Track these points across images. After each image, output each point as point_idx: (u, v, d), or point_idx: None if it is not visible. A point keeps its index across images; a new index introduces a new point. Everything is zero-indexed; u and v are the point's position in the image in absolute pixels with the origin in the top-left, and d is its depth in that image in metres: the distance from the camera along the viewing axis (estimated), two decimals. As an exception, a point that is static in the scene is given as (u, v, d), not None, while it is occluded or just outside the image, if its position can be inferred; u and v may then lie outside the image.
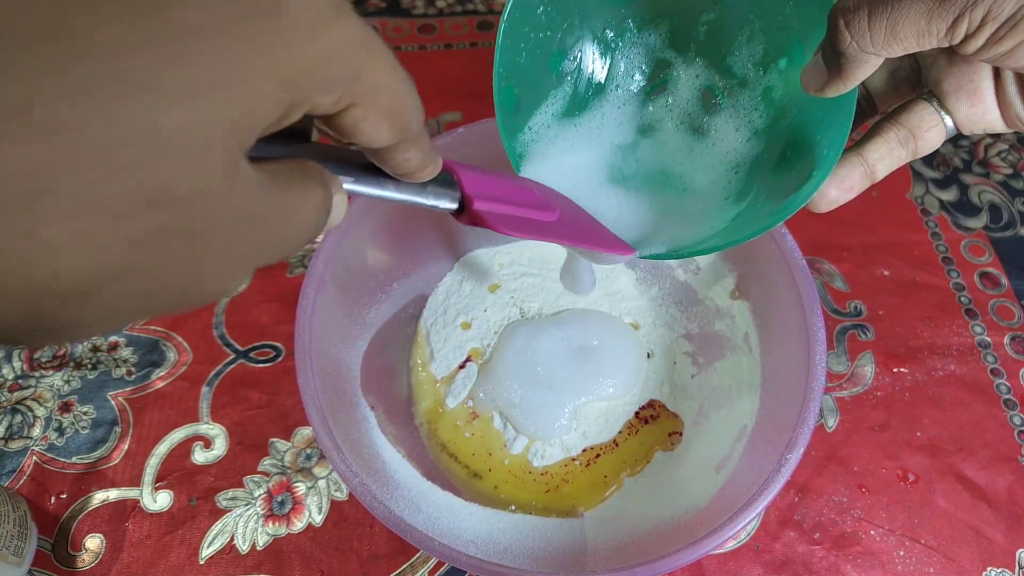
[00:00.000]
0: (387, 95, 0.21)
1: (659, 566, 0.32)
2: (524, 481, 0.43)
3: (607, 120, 0.37)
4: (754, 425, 0.41)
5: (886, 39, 0.25)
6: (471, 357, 0.47)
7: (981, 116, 0.29)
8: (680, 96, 0.37)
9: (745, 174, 0.35)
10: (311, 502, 0.44)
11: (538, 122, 0.36)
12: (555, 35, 0.35)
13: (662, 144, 0.37)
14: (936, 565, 0.42)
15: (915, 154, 0.31)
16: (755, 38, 0.36)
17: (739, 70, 0.36)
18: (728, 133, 0.36)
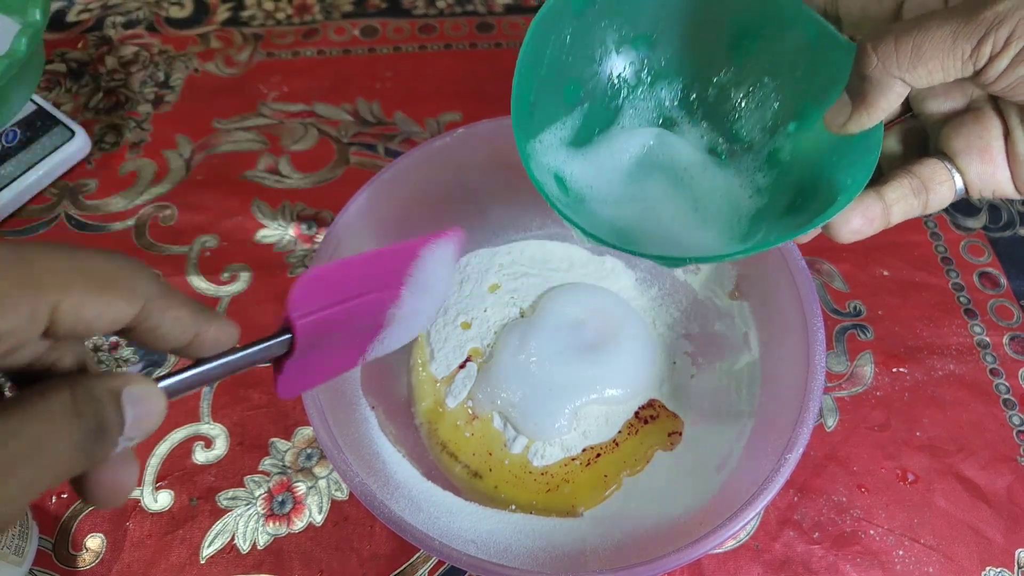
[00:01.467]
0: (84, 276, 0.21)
1: (659, 565, 0.33)
2: (524, 481, 0.43)
3: (611, 156, 0.37)
4: (754, 425, 0.41)
5: (911, 60, 0.25)
6: (471, 357, 0.48)
7: (991, 175, 0.29)
8: (684, 154, 0.37)
9: (749, 220, 0.35)
10: (311, 502, 0.44)
11: (548, 139, 0.36)
12: (575, 62, 0.35)
13: (665, 185, 0.37)
14: (935, 565, 0.42)
15: (926, 207, 0.30)
16: (767, 102, 0.35)
17: (746, 135, 0.36)
18: (731, 187, 0.36)
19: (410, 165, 0.43)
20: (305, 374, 0.28)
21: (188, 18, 0.67)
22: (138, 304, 0.21)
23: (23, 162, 0.54)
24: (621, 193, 0.36)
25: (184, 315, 0.23)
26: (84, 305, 0.20)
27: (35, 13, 0.49)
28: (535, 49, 0.33)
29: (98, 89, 0.63)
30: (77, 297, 0.20)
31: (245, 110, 0.61)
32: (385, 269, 0.29)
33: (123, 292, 0.21)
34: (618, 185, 0.36)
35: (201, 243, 0.54)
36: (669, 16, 0.35)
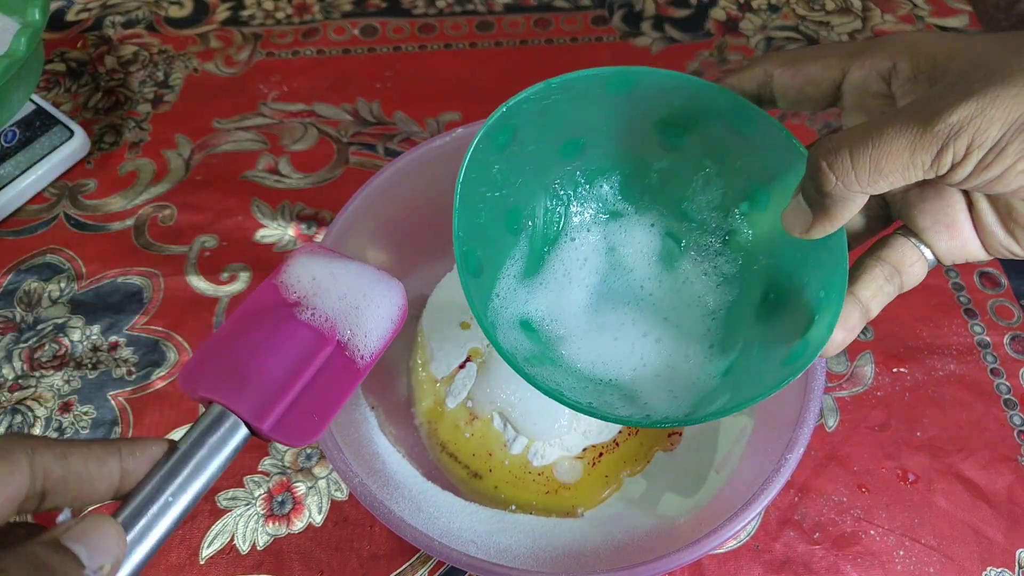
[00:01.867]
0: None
1: (659, 566, 0.33)
2: (524, 481, 0.43)
3: (568, 279, 0.36)
4: (754, 425, 0.41)
5: (871, 176, 0.24)
6: (471, 357, 0.47)
7: (961, 248, 0.29)
8: (641, 246, 0.36)
9: (723, 320, 0.34)
10: (311, 502, 0.44)
11: (504, 288, 0.35)
12: (510, 193, 0.34)
13: (628, 303, 0.36)
14: (936, 565, 0.42)
15: (901, 288, 0.30)
16: (712, 184, 0.35)
17: (696, 215, 0.35)
18: (696, 277, 0.35)
19: (410, 165, 0.43)
20: (305, 412, 0.26)
21: (187, 18, 0.67)
22: (22, 465, 0.20)
23: (22, 162, 0.54)
24: (587, 321, 0.35)
25: (92, 449, 0.22)
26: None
27: (34, 13, 0.49)
28: (468, 203, 0.32)
29: (97, 89, 0.62)
30: None
31: (245, 110, 0.61)
32: (255, 307, 0.28)
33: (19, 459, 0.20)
34: (582, 313, 0.35)
35: (201, 243, 0.54)
36: (595, 118, 0.34)
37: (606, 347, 0.34)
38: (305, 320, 0.28)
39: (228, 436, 0.24)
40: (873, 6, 0.69)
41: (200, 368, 0.26)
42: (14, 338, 0.50)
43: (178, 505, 0.23)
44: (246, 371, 0.26)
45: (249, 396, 0.25)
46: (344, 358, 0.28)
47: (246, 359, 0.26)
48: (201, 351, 0.27)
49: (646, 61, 0.65)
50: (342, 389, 0.28)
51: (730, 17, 0.68)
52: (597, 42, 0.66)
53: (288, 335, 0.27)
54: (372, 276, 0.30)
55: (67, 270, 0.53)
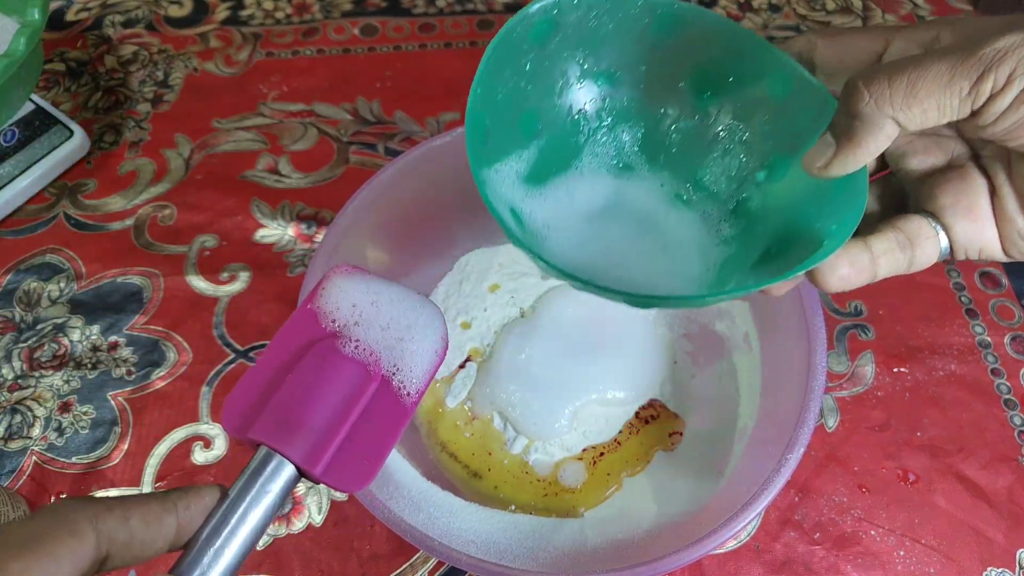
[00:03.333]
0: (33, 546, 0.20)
1: (659, 566, 0.32)
2: (523, 481, 0.43)
3: (570, 198, 0.35)
4: (754, 425, 0.41)
5: (905, 98, 0.24)
6: (471, 357, 0.47)
7: (978, 234, 0.28)
8: (647, 199, 0.35)
9: (717, 269, 0.33)
10: (311, 502, 0.44)
11: (504, 172, 0.34)
12: (533, 92, 0.33)
13: (628, 228, 0.35)
14: (936, 565, 0.42)
15: (911, 264, 0.29)
16: (734, 150, 0.33)
17: (711, 183, 0.34)
18: (697, 234, 0.34)
19: (410, 164, 0.43)
20: (354, 453, 0.26)
21: (187, 17, 0.67)
22: (88, 535, 0.21)
23: (22, 161, 0.54)
24: (582, 235, 0.34)
25: (150, 507, 0.22)
26: (31, 571, 0.19)
27: (34, 12, 0.49)
28: (492, 72, 0.30)
29: (97, 88, 0.62)
30: (17, 569, 0.19)
31: (244, 109, 0.61)
32: (294, 339, 0.28)
33: (64, 534, 0.20)
34: (578, 227, 0.34)
35: (200, 243, 0.54)
36: (633, 54, 0.33)
37: (595, 258, 0.33)
38: (349, 354, 0.27)
39: (276, 478, 0.24)
40: (874, 6, 0.69)
41: (245, 408, 0.25)
42: (13, 338, 0.50)
43: (231, 551, 0.23)
44: (294, 412, 0.25)
45: (299, 439, 0.24)
46: (390, 395, 0.27)
47: (293, 399, 0.25)
48: (242, 389, 0.26)
49: (646, 61, 0.65)
50: (390, 430, 0.27)
51: (730, 16, 0.68)
52: (597, 42, 0.66)
53: (333, 371, 0.26)
54: (413, 303, 0.29)
55: (67, 270, 0.53)
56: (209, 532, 0.23)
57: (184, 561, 0.22)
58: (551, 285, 0.50)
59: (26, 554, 0.20)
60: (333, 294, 0.29)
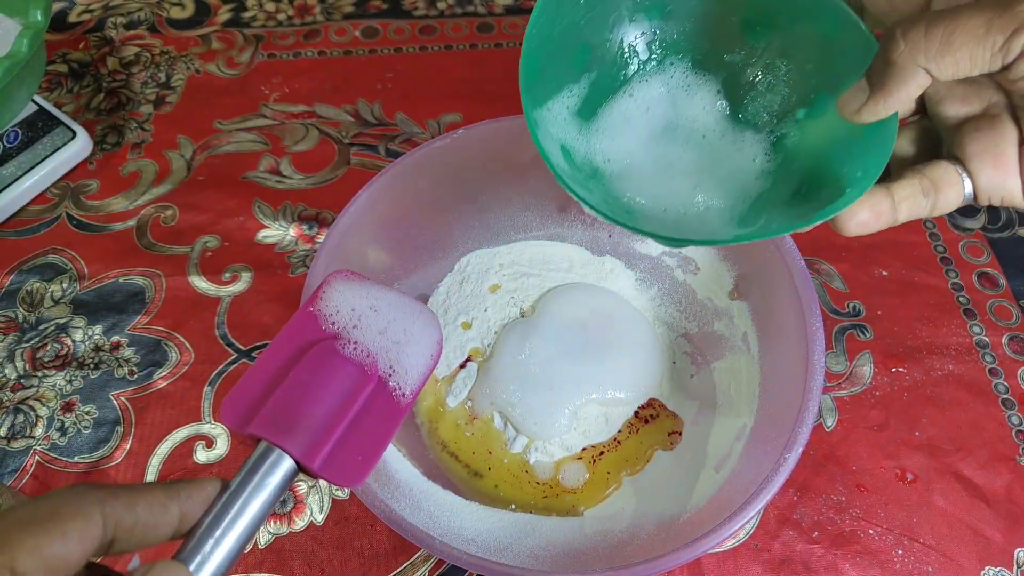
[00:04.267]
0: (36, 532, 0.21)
1: (659, 564, 0.33)
2: (522, 480, 0.44)
3: (624, 122, 0.36)
4: (753, 424, 0.41)
5: (940, 48, 0.25)
6: (471, 357, 0.48)
7: (1002, 181, 0.29)
8: (690, 130, 0.36)
9: (749, 205, 0.34)
10: (312, 501, 0.44)
11: (556, 109, 0.35)
12: (587, 27, 0.34)
13: (673, 147, 0.36)
14: (934, 564, 0.43)
15: (933, 209, 0.30)
16: (777, 87, 0.35)
17: (753, 118, 0.35)
18: (734, 168, 0.35)
19: (411, 166, 0.43)
20: (352, 449, 0.27)
21: (189, 19, 0.68)
22: (96, 518, 0.21)
23: (24, 163, 0.55)
24: (627, 164, 0.35)
25: (155, 496, 0.23)
26: (42, 547, 0.20)
27: (36, 14, 0.49)
28: (550, 10, 0.32)
29: (99, 90, 0.63)
30: (31, 544, 0.20)
31: (246, 111, 0.61)
32: (295, 340, 0.29)
33: (73, 515, 0.21)
34: (626, 156, 0.36)
35: (202, 243, 0.54)
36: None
37: (640, 184, 0.35)
38: (348, 355, 0.28)
39: (275, 471, 0.25)
40: (872, 7, 0.69)
41: (245, 404, 0.26)
42: (16, 338, 0.50)
43: (231, 539, 0.24)
44: (293, 409, 0.26)
45: (299, 434, 0.25)
46: (386, 395, 0.28)
47: (293, 397, 0.26)
48: (243, 386, 0.27)
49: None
50: (386, 428, 0.28)
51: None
52: (597, 43, 0.66)
53: (332, 370, 0.27)
54: (411, 309, 0.30)
55: (69, 270, 0.53)
56: (210, 522, 0.24)
57: (186, 548, 0.23)
58: (551, 285, 0.50)
59: (38, 531, 0.20)
60: (333, 298, 0.30)
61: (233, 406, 0.26)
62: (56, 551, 0.20)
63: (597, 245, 0.52)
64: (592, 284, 0.50)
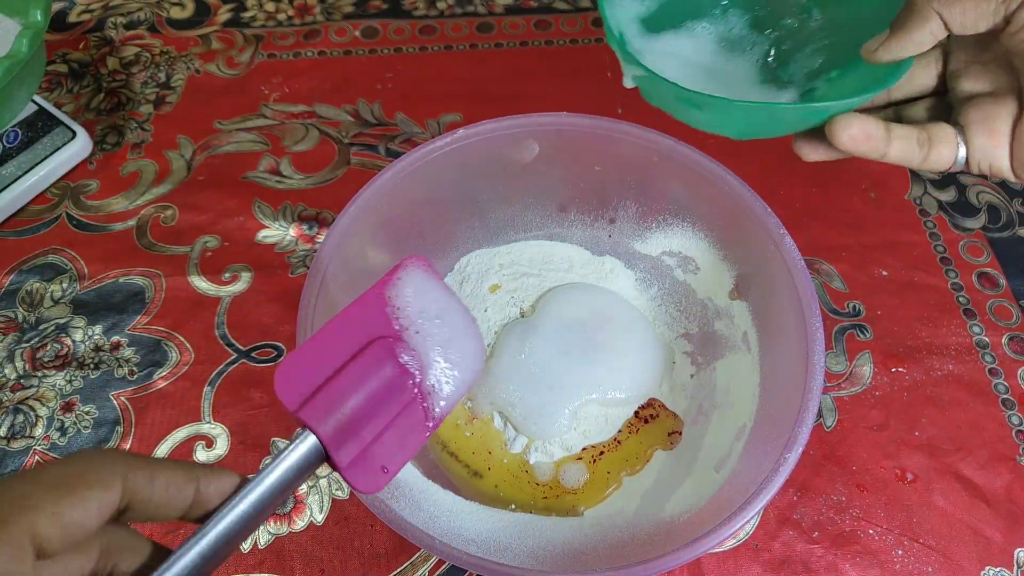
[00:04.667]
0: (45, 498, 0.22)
1: (658, 564, 0.33)
2: (524, 480, 0.44)
3: (675, 50, 0.40)
4: (753, 424, 0.41)
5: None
6: (471, 357, 0.48)
7: (991, 149, 0.32)
8: (738, 73, 0.40)
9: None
10: (312, 501, 0.44)
11: (627, 3, 0.39)
12: None
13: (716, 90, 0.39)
14: (934, 564, 0.43)
15: (924, 161, 0.33)
16: (819, 53, 0.38)
17: (788, 76, 0.39)
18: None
19: (411, 166, 0.44)
20: (377, 460, 0.27)
21: (189, 19, 0.68)
22: (116, 487, 0.22)
23: (24, 163, 0.55)
24: (687, 70, 0.39)
25: (176, 475, 0.23)
26: (63, 513, 0.21)
27: (36, 14, 0.49)
28: None
29: (99, 90, 0.63)
30: (53, 509, 0.20)
31: (246, 111, 0.61)
32: (361, 323, 0.28)
33: (95, 483, 0.22)
34: (687, 64, 0.40)
35: (202, 243, 0.54)
36: None
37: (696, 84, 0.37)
38: (404, 363, 0.28)
39: (308, 464, 0.25)
40: None
41: (303, 382, 0.26)
42: (16, 338, 0.50)
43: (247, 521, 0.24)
44: (343, 406, 0.26)
45: (343, 435, 0.26)
46: (420, 410, 0.28)
47: (346, 393, 0.26)
48: (303, 360, 0.27)
49: (646, 62, 0.65)
50: (412, 443, 0.28)
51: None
52: (597, 43, 0.66)
53: (386, 375, 0.27)
54: (471, 334, 0.30)
55: (69, 270, 0.53)
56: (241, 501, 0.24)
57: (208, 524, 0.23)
58: (551, 285, 0.50)
59: (61, 496, 0.21)
60: (408, 288, 0.30)
61: (291, 382, 0.26)
62: (76, 517, 0.21)
63: (597, 245, 0.52)
64: (592, 284, 0.50)
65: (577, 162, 0.47)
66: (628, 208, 0.49)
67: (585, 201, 0.50)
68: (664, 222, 0.49)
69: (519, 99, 0.62)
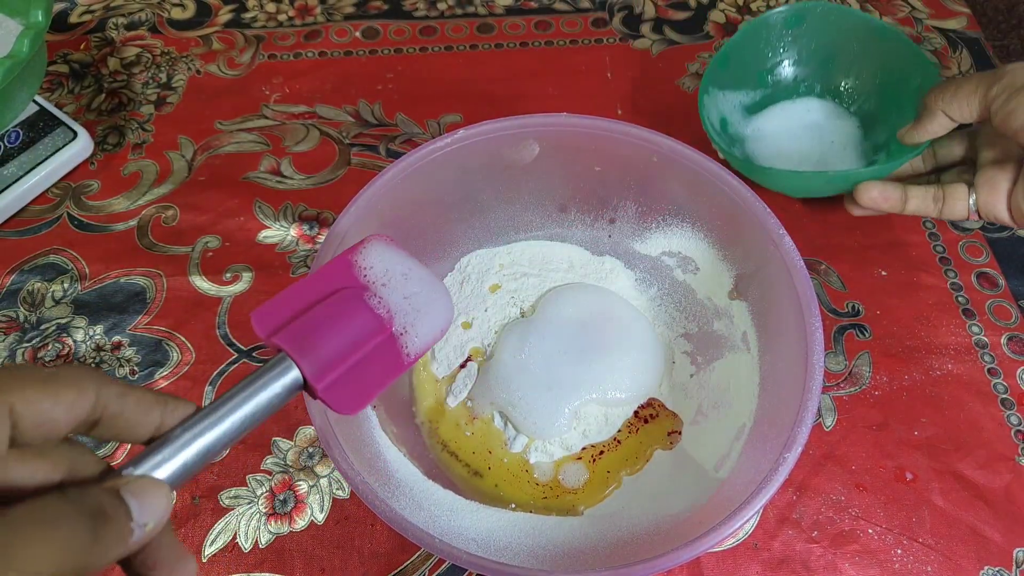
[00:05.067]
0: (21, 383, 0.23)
1: (658, 564, 0.33)
2: (524, 480, 0.44)
3: (769, 125, 0.58)
4: (752, 424, 0.41)
5: (950, 98, 0.43)
6: (471, 357, 0.48)
7: (994, 204, 0.44)
8: (818, 140, 0.58)
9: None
10: (313, 500, 0.44)
11: (732, 96, 0.57)
12: (768, 58, 0.58)
13: (803, 146, 0.57)
14: (934, 564, 0.43)
15: (940, 214, 0.46)
16: (882, 133, 0.55)
17: (857, 146, 0.57)
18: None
19: (411, 166, 0.44)
20: (352, 385, 0.29)
21: (190, 20, 0.68)
22: (89, 394, 0.23)
23: (26, 163, 0.55)
24: (772, 144, 0.57)
25: (146, 396, 0.24)
26: (37, 400, 0.22)
27: (37, 14, 0.49)
28: (750, 34, 0.57)
29: (100, 90, 0.63)
30: (29, 395, 0.22)
31: (247, 111, 0.61)
32: (329, 278, 0.31)
33: (70, 384, 0.23)
34: (769, 140, 0.57)
35: (203, 244, 0.54)
36: (842, 41, 0.57)
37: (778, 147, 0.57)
38: (372, 305, 0.31)
39: (281, 380, 0.27)
40: (872, 8, 0.69)
41: (276, 318, 0.29)
42: (17, 338, 0.50)
43: (201, 442, 0.25)
44: (314, 334, 0.28)
45: (314, 355, 0.28)
46: (394, 349, 0.31)
47: (317, 324, 0.29)
48: (275, 304, 0.29)
49: (647, 63, 0.65)
50: (387, 374, 0.31)
51: (729, 20, 0.68)
52: (597, 44, 0.66)
53: (355, 313, 0.30)
54: (436, 288, 0.34)
55: (70, 270, 0.53)
56: (188, 426, 0.25)
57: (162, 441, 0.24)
58: (551, 285, 0.50)
59: (37, 386, 0.22)
60: (372, 255, 0.33)
61: (263, 317, 0.29)
62: (47, 409, 0.22)
63: (597, 245, 0.52)
64: (592, 284, 0.50)
65: (577, 162, 0.47)
66: (628, 208, 0.50)
67: (585, 201, 0.50)
68: (664, 222, 0.49)
69: (519, 99, 0.62)
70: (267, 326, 0.28)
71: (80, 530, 0.20)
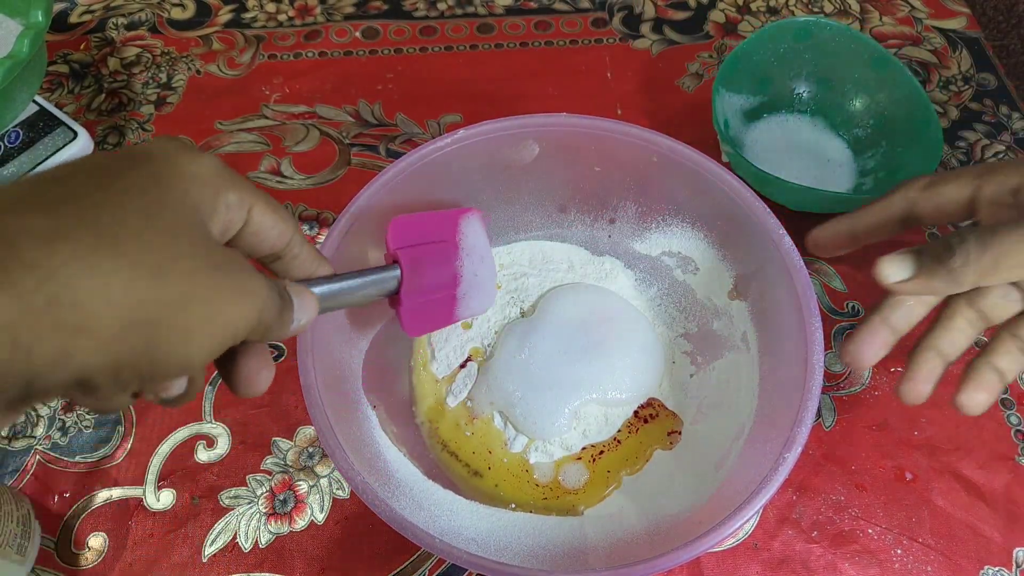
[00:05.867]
0: (264, 196, 0.28)
1: (658, 564, 0.33)
2: (524, 480, 0.44)
3: (765, 134, 0.59)
4: (752, 424, 0.41)
5: (990, 269, 0.31)
6: (471, 357, 0.48)
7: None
8: (815, 153, 0.59)
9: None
10: (313, 500, 0.44)
11: (735, 99, 0.58)
12: (774, 66, 0.59)
13: (800, 165, 0.58)
14: (933, 563, 0.43)
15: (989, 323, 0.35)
16: (874, 158, 0.57)
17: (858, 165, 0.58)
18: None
19: (411, 166, 0.44)
20: (420, 314, 0.38)
21: (190, 20, 0.68)
22: (291, 231, 0.29)
23: (25, 163, 0.55)
24: (775, 156, 0.58)
25: (314, 252, 0.31)
26: (267, 213, 0.27)
27: (37, 14, 0.49)
28: (764, 39, 0.57)
29: (100, 90, 0.63)
30: (263, 207, 0.27)
31: (247, 111, 0.61)
32: (440, 227, 0.40)
33: (288, 218, 0.28)
34: (762, 153, 0.58)
35: (203, 243, 0.54)
36: (841, 63, 0.58)
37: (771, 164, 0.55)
38: (456, 267, 0.39)
39: (386, 283, 0.35)
40: (871, 8, 0.69)
41: (403, 238, 0.37)
42: (18, 338, 0.50)
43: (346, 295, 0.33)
44: (421, 267, 0.37)
45: (415, 281, 0.36)
46: (451, 306, 0.40)
47: (425, 261, 0.37)
48: (409, 223, 0.38)
49: (647, 63, 0.65)
50: (440, 321, 0.40)
51: (729, 20, 0.68)
52: (597, 44, 0.66)
53: (447, 267, 0.39)
54: (492, 280, 0.42)
55: (70, 270, 0.53)
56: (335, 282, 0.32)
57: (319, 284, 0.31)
58: (551, 285, 0.50)
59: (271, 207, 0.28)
60: (472, 224, 0.41)
61: (398, 233, 0.37)
62: (269, 226, 0.28)
63: (597, 245, 0.52)
64: (592, 284, 0.50)
65: (577, 162, 0.47)
66: (628, 208, 0.50)
67: (585, 201, 0.50)
68: (663, 222, 0.49)
69: (519, 99, 0.62)
70: (397, 240, 0.36)
71: (271, 304, 0.25)
